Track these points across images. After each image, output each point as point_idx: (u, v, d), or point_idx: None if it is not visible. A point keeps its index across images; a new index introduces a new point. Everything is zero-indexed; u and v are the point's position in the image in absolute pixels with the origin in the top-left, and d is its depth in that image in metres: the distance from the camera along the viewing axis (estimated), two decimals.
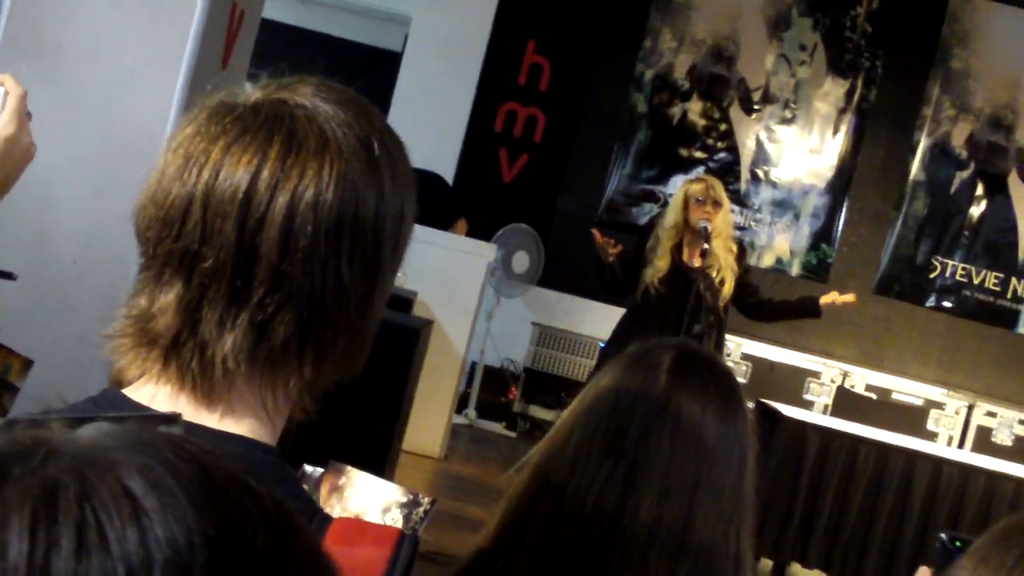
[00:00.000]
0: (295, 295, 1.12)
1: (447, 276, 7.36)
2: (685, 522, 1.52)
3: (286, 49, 11.03)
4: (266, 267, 1.11)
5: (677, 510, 1.52)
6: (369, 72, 10.93)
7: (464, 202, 8.80)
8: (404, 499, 1.45)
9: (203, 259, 1.11)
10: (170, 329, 1.13)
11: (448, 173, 9.36)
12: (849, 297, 6.27)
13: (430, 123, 9.21)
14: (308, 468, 1.45)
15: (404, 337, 5.11)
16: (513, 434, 9.12)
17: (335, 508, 1.49)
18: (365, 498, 1.45)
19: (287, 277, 1.11)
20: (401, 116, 9.41)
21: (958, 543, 1.26)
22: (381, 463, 5.07)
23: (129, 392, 1.17)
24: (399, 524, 1.48)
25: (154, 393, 1.16)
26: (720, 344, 6.09)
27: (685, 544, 1.52)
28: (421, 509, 1.41)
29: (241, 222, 1.10)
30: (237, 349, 1.12)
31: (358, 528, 1.18)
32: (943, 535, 1.23)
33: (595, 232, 6.16)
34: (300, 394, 1.19)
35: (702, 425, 1.57)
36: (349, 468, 1.40)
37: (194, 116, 1.17)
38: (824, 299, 6.22)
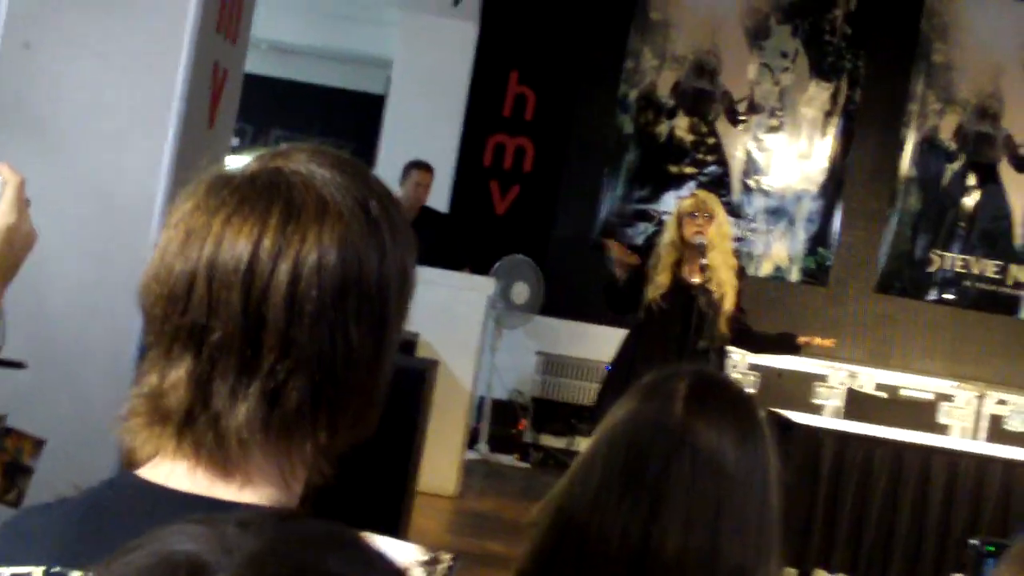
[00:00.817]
0: (305, 360, 1.12)
1: (448, 314, 7.35)
2: (712, 551, 1.52)
3: (271, 102, 11.11)
4: (274, 334, 1.11)
5: (703, 539, 1.52)
6: (354, 117, 10.99)
7: (459, 237, 8.80)
8: (424, 557, 1.44)
9: (211, 332, 1.11)
10: (182, 404, 1.13)
11: (441, 209, 9.37)
12: (828, 342, 6.36)
13: None
14: None
15: (410, 379, 5.10)
16: (527, 465, 9.10)
17: None
18: None
19: (296, 343, 1.11)
20: (390, 157, 9.42)
21: (990, 548, 1.25)
22: (397, 507, 5.05)
23: (145, 472, 1.17)
24: None
25: (170, 470, 1.15)
26: (723, 360, 6.10)
27: (714, 573, 1.51)
28: (443, 566, 1.40)
29: (246, 292, 1.11)
30: (251, 418, 1.12)
31: None
32: (974, 541, 1.22)
33: (609, 242, 6.21)
34: (316, 458, 1.19)
35: (721, 452, 1.56)
36: (364, 533, 1.39)
37: (192, 191, 1.18)
38: (801, 339, 6.28)
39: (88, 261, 3.40)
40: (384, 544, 1.44)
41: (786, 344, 6.41)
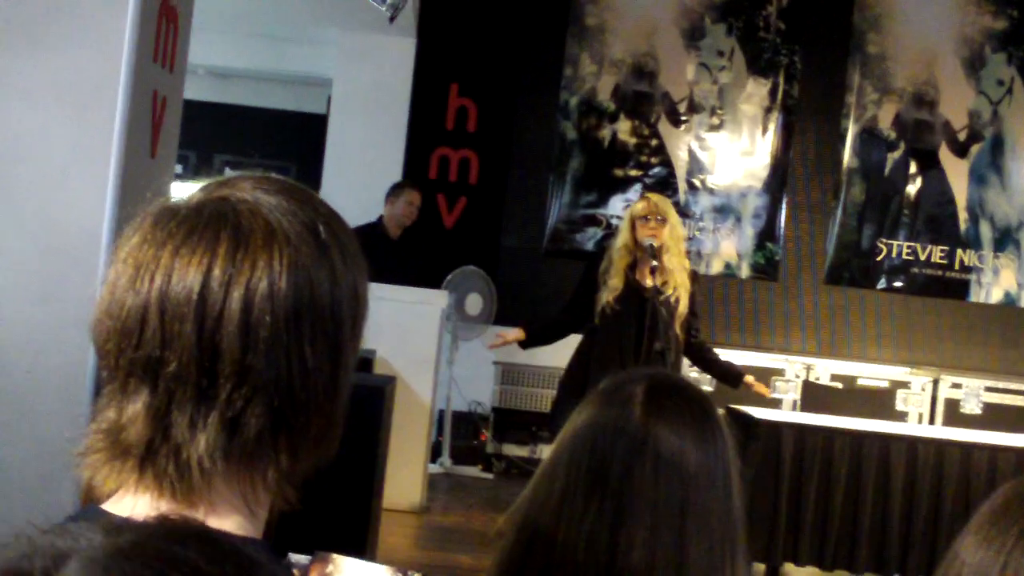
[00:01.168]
0: (262, 387, 1.12)
1: (403, 329, 7.34)
2: (679, 553, 1.52)
3: (212, 127, 11.06)
4: (230, 363, 1.11)
5: (669, 542, 1.52)
6: (297, 138, 10.96)
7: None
8: None
9: (166, 364, 1.11)
10: (142, 438, 1.13)
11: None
12: (767, 391, 6.53)
13: (365, 179, 9.22)
14: (294, 557, 1.44)
15: (369, 396, 5.09)
16: (490, 475, 9.10)
17: None
18: None
19: (252, 370, 1.11)
20: (335, 176, 9.42)
21: None
22: (363, 525, 5.04)
23: (109, 506, 1.16)
24: None
25: (134, 504, 1.15)
26: (679, 360, 6.12)
27: (682, 575, 1.52)
28: None
29: (199, 322, 1.10)
30: (211, 448, 1.12)
31: None
32: None
33: (493, 343, 6.55)
34: (279, 484, 1.19)
35: (682, 453, 1.57)
36: (335, 556, 1.39)
37: (138, 224, 1.17)
38: (748, 378, 6.37)
39: (35, 299, 3.37)
40: (354, 566, 1.44)
41: (731, 377, 6.45)
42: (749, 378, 6.35)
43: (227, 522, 1.15)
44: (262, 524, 1.20)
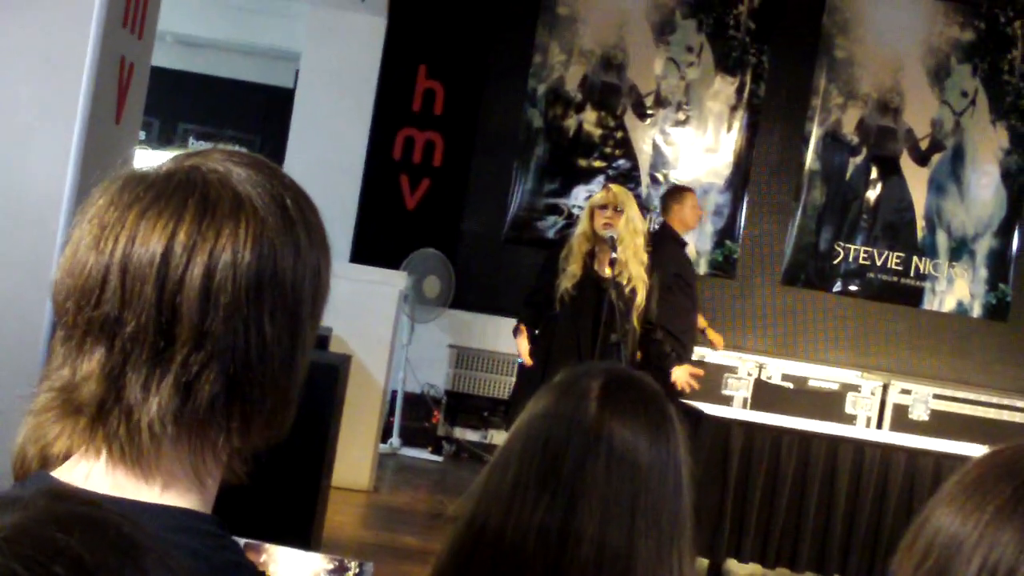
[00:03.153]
0: (219, 354, 1.11)
1: (360, 308, 7.33)
2: (628, 548, 1.52)
3: (177, 95, 10.97)
4: (188, 327, 1.10)
5: (619, 537, 1.52)
6: (262, 110, 10.89)
7: (370, 231, 8.77)
8: (330, 566, 1.45)
9: (124, 324, 1.11)
10: (95, 396, 1.12)
11: (351, 204, 9.33)
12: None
13: (329, 156, 9.18)
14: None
15: (323, 374, 5.08)
16: (439, 458, 9.11)
17: None
18: (290, 572, 1.45)
19: (209, 336, 1.11)
20: (299, 151, 9.37)
21: None
22: (312, 503, 5.03)
23: (61, 473, 1.15)
24: None
25: (88, 471, 1.14)
26: (634, 353, 6.15)
27: (630, 571, 1.52)
28: (350, 574, 1.41)
29: (160, 285, 1.10)
30: (163, 412, 1.11)
31: None
32: None
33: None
34: (230, 457, 1.18)
35: (635, 450, 1.57)
36: (268, 545, 1.40)
37: (106, 187, 1.17)
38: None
39: None
40: (288, 556, 1.44)
41: (666, 363, 6.47)
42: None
43: (176, 492, 1.14)
44: (212, 497, 1.20)
